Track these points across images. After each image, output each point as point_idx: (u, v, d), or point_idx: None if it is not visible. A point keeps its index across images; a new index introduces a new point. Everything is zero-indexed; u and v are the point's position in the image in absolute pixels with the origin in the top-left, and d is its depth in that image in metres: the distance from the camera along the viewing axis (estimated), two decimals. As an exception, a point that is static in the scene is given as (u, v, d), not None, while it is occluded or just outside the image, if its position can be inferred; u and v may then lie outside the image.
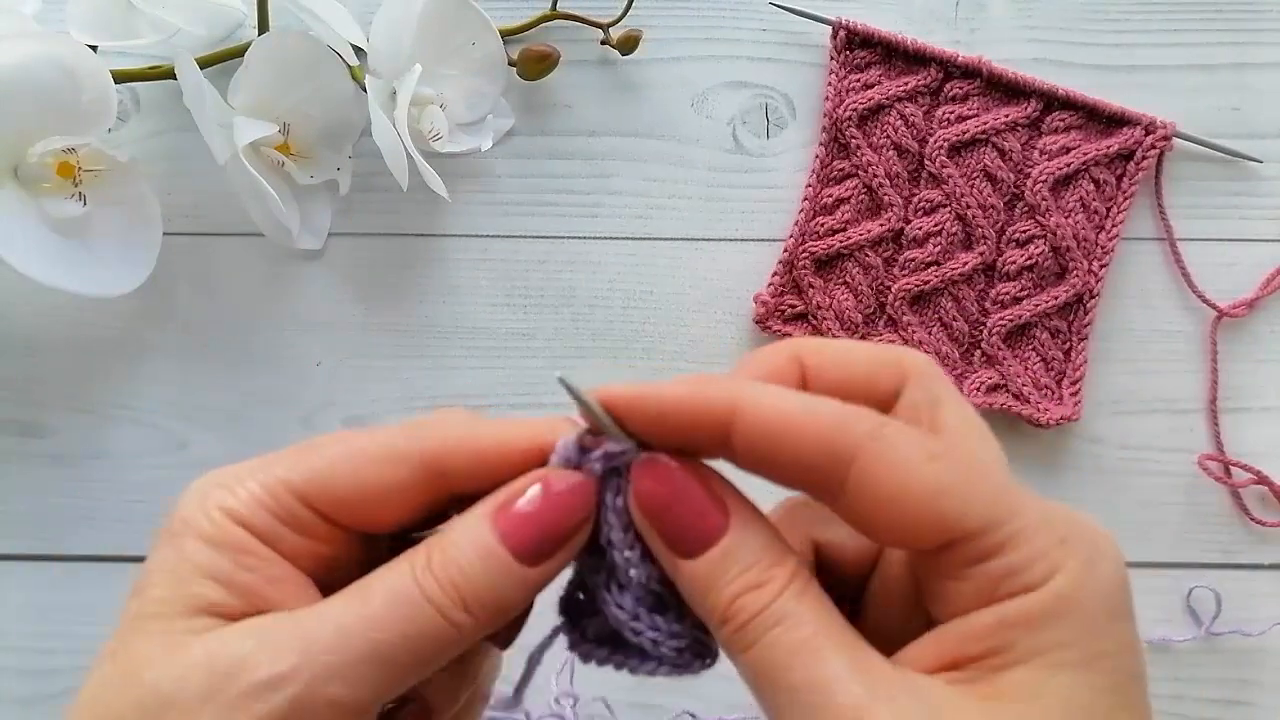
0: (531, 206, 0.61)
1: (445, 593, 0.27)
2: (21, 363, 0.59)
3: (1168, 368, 0.60)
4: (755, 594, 0.26)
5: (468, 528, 0.28)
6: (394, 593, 0.27)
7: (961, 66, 0.60)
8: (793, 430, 0.26)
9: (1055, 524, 0.26)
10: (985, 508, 0.25)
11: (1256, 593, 0.58)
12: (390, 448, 0.29)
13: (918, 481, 0.25)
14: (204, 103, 0.52)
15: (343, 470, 0.29)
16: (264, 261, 0.60)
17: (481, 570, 0.27)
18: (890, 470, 0.26)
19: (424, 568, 0.27)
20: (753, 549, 0.27)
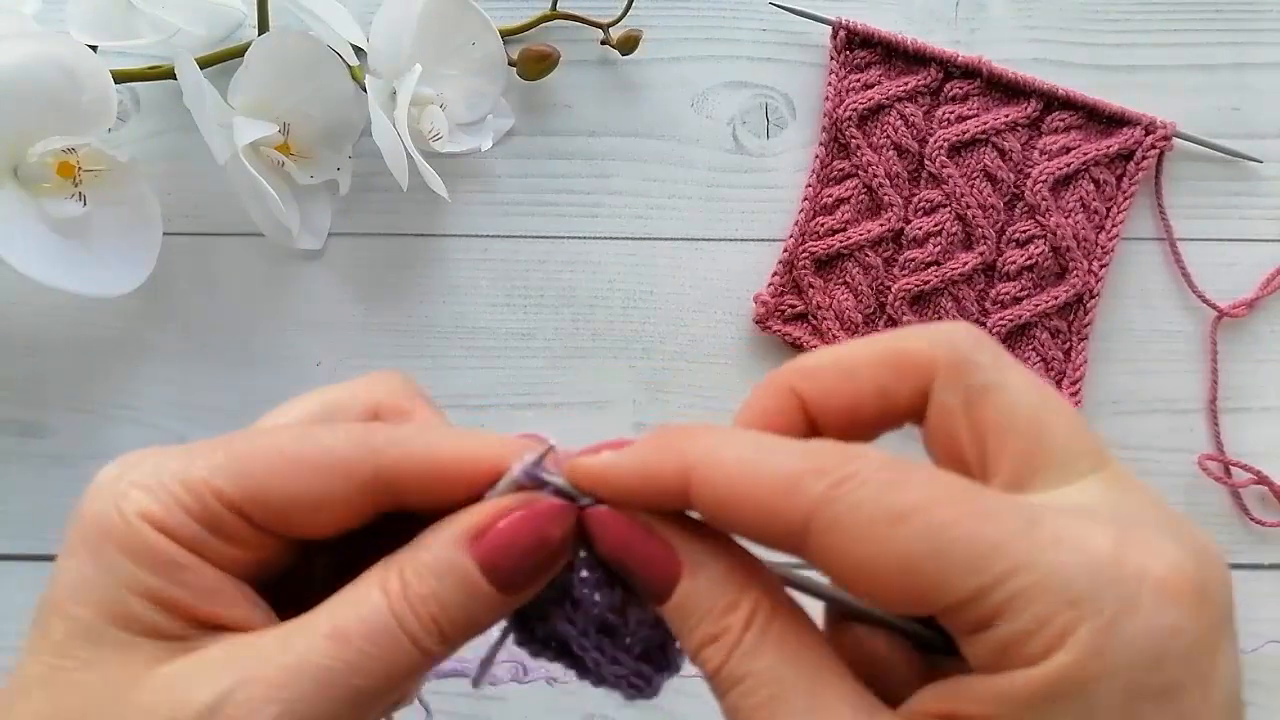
0: (531, 206, 0.61)
1: (425, 627, 0.25)
2: (21, 363, 0.59)
3: (1168, 368, 0.60)
4: (711, 649, 0.25)
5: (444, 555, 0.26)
6: (373, 631, 0.25)
7: (961, 66, 0.60)
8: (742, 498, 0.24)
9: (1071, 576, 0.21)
10: (968, 574, 0.21)
11: (1256, 593, 0.58)
12: (336, 460, 0.26)
13: (879, 554, 0.22)
14: (204, 103, 0.52)
15: (279, 480, 0.26)
16: (264, 261, 0.60)
17: (461, 601, 0.26)
18: (845, 542, 0.22)
19: (400, 599, 0.25)
20: (703, 596, 0.25)
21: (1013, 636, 0.21)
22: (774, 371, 0.28)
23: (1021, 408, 0.24)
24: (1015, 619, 0.21)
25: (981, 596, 0.21)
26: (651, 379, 0.60)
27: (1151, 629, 0.20)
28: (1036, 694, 0.21)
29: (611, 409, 0.60)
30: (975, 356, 0.25)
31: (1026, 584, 0.21)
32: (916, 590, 0.22)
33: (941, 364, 0.25)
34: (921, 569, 0.21)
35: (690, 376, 0.60)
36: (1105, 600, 0.20)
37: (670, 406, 0.60)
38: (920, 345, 0.25)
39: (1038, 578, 0.21)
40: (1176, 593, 0.21)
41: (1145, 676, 0.20)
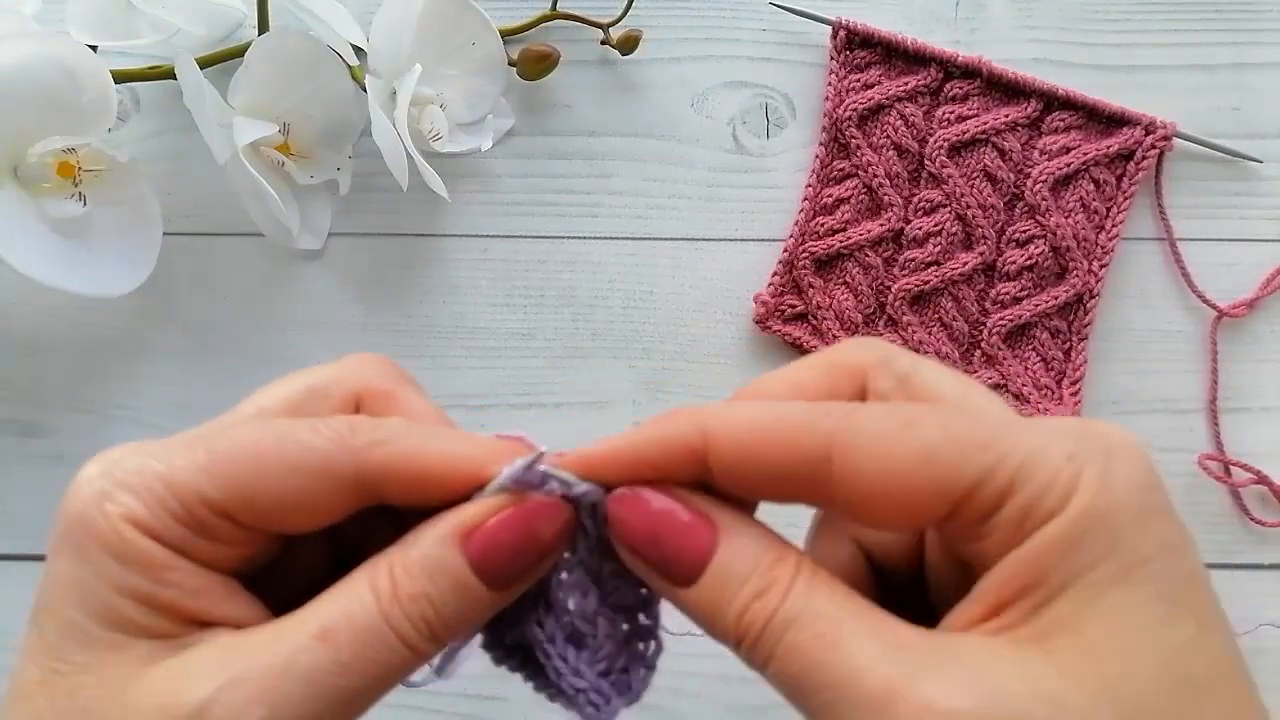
0: (531, 206, 0.61)
1: (415, 626, 0.25)
2: (21, 363, 0.59)
3: (1168, 368, 0.60)
4: (760, 603, 0.25)
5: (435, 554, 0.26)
6: (363, 631, 0.25)
7: (961, 66, 0.60)
8: (765, 441, 0.25)
9: (1061, 440, 0.24)
10: (979, 454, 0.24)
11: (1257, 593, 0.58)
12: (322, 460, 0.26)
13: (900, 454, 0.24)
14: (204, 103, 0.52)
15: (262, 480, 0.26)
16: (264, 261, 0.60)
17: (451, 599, 0.26)
18: (869, 453, 0.24)
19: (390, 598, 0.25)
20: (748, 556, 0.25)
21: (1029, 501, 0.23)
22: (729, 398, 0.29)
23: (944, 381, 0.27)
24: (1027, 484, 0.23)
25: (993, 472, 0.24)
26: (651, 379, 0.60)
27: (1136, 466, 0.24)
28: (1067, 538, 0.23)
29: (611, 409, 0.60)
30: (893, 352, 0.28)
31: (1027, 453, 0.24)
32: (937, 478, 0.24)
33: (870, 363, 0.28)
34: (940, 456, 0.24)
35: (690, 376, 0.60)
36: (1093, 452, 0.24)
37: (670, 406, 0.59)
38: (850, 353, 0.29)
39: (1034, 446, 0.24)
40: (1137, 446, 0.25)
41: (1146, 499, 0.24)
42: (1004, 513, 0.24)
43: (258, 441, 0.26)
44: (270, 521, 0.26)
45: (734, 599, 0.25)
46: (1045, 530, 0.23)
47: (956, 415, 0.25)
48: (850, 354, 0.28)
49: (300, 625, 0.25)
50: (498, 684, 0.56)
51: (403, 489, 0.27)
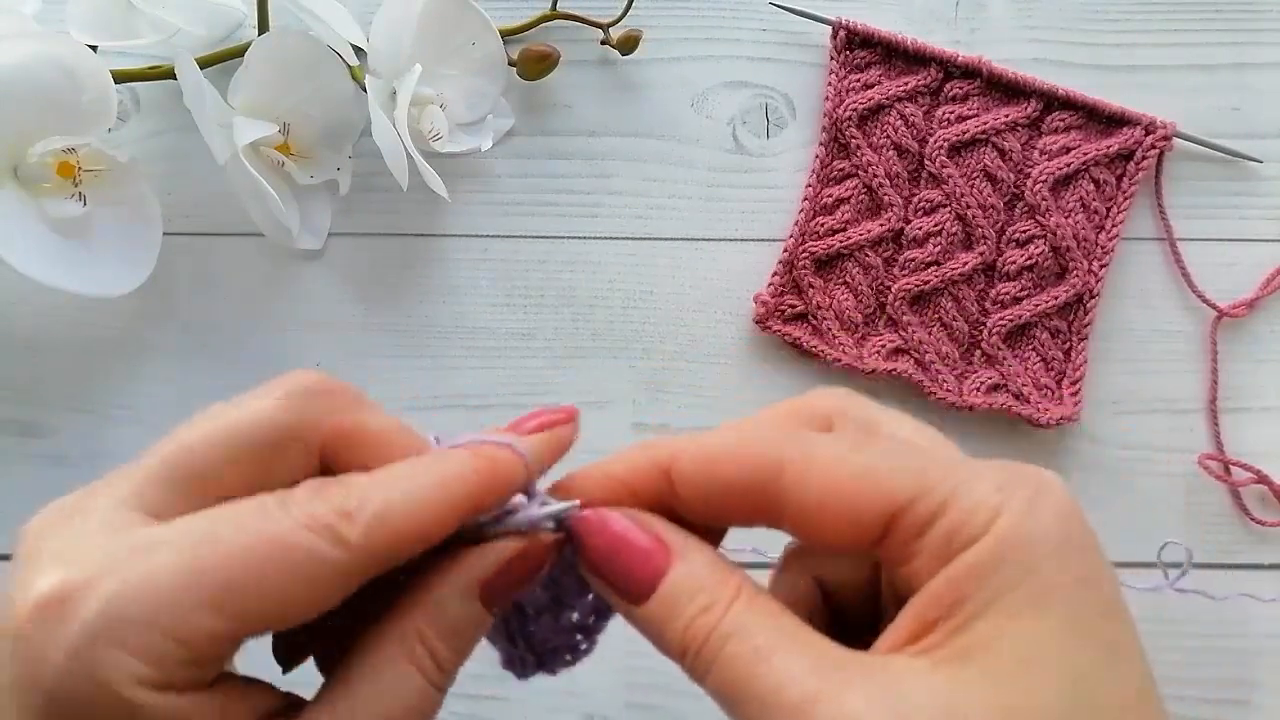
0: (531, 206, 0.61)
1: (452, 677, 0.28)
2: (21, 363, 0.59)
3: (1168, 368, 0.60)
4: (705, 617, 0.26)
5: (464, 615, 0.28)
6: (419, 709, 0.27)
7: (961, 66, 0.60)
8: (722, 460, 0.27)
9: (992, 474, 0.26)
10: (914, 476, 0.26)
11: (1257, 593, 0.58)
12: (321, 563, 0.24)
13: (843, 471, 0.26)
14: (204, 103, 0.52)
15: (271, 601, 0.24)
16: (264, 261, 0.60)
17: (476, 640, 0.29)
18: (816, 471, 0.26)
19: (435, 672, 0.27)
20: (697, 575, 0.27)
21: (956, 522, 0.25)
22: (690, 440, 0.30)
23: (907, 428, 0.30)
24: (955, 507, 0.25)
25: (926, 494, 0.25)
26: (651, 379, 0.60)
27: (1060, 502, 0.25)
28: (988, 559, 0.24)
29: (611, 409, 0.60)
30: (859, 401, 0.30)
31: (960, 480, 0.25)
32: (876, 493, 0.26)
33: (835, 410, 0.30)
34: (877, 476, 0.26)
35: (690, 376, 0.60)
36: (1021, 484, 0.25)
37: (670, 406, 0.60)
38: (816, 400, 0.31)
39: (967, 476, 0.26)
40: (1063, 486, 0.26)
41: (1067, 533, 0.25)
42: (932, 533, 0.25)
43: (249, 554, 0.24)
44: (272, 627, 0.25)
45: (681, 614, 0.27)
46: (968, 554, 0.25)
47: (903, 447, 0.28)
48: (816, 401, 0.31)
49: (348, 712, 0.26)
50: (498, 684, 0.56)
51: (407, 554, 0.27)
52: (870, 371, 0.59)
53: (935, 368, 0.59)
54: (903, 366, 0.59)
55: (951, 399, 0.58)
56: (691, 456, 0.28)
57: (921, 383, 0.59)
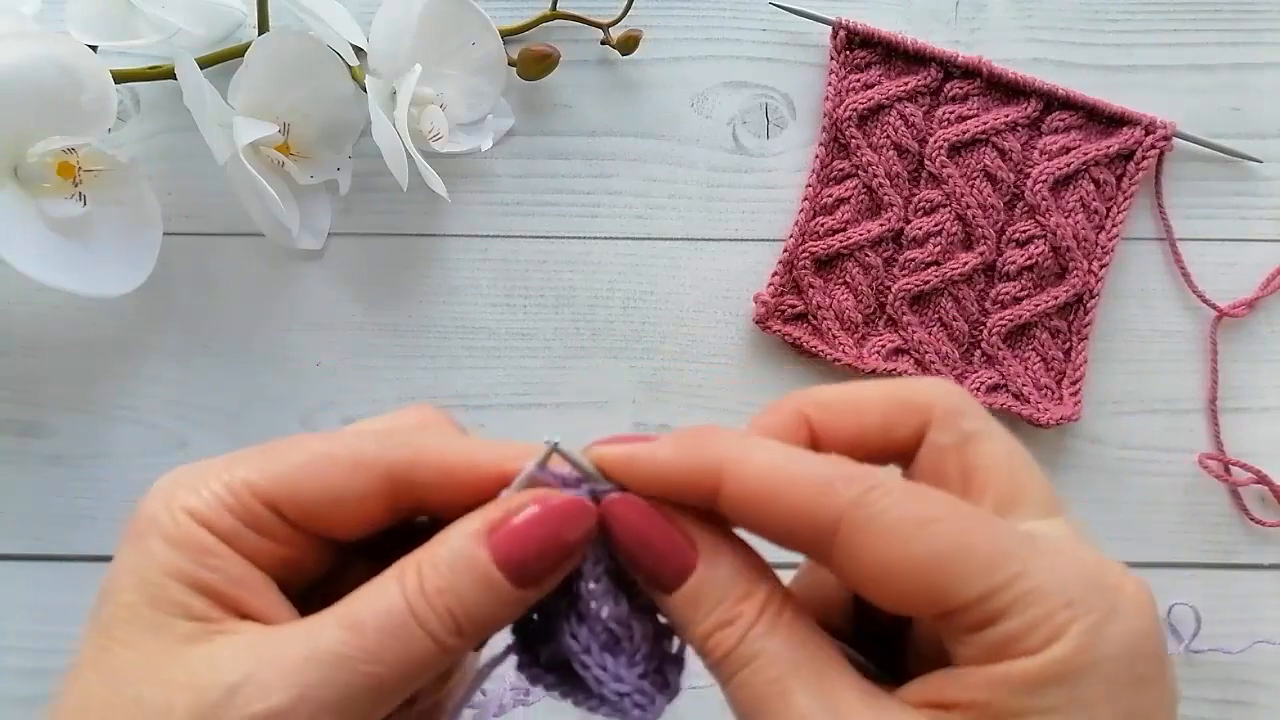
0: (531, 206, 0.61)
1: (441, 620, 0.26)
2: (21, 363, 0.59)
3: (1168, 368, 0.60)
4: (724, 632, 0.26)
5: (460, 549, 0.27)
6: (389, 621, 0.26)
7: (961, 66, 0.60)
8: (775, 497, 0.26)
9: (1067, 583, 0.24)
10: (983, 575, 0.24)
11: (1257, 593, 0.58)
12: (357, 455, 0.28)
13: (905, 553, 0.24)
14: (204, 103, 0.52)
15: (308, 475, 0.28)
16: (264, 261, 0.60)
17: (477, 594, 0.26)
18: (875, 541, 0.25)
19: (417, 592, 0.26)
20: (720, 584, 0.26)
21: (1014, 632, 0.24)
22: (789, 395, 0.30)
23: (1003, 454, 0.27)
24: (1018, 616, 0.24)
25: (992, 595, 0.24)
26: (651, 379, 0.60)
27: (1130, 630, 0.24)
28: (1032, 680, 0.23)
29: (611, 409, 0.60)
30: (966, 407, 0.28)
31: (1031, 586, 0.24)
32: (935, 587, 0.24)
33: (939, 409, 0.28)
34: (944, 567, 0.24)
35: (690, 376, 0.60)
36: (1094, 604, 0.24)
37: (670, 406, 0.60)
38: (922, 392, 0.29)
39: (1040, 581, 0.24)
40: (1145, 605, 0.25)
41: (1125, 668, 0.23)
42: (986, 634, 0.24)
43: (307, 441, 0.29)
44: (311, 515, 0.28)
45: (702, 620, 0.26)
46: (1016, 664, 0.24)
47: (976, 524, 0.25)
48: (922, 393, 0.28)
49: (329, 616, 0.27)
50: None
51: (431, 483, 0.28)
52: (870, 371, 0.59)
53: (935, 368, 0.59)
54: (903, 366, 0.59)
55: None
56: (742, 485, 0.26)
57: (921, 383, 0.59)
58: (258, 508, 0.28)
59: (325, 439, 0.29)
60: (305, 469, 0.28)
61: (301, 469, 0.28)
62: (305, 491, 0.28)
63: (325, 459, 0.28)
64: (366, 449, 0.28)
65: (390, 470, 0.28)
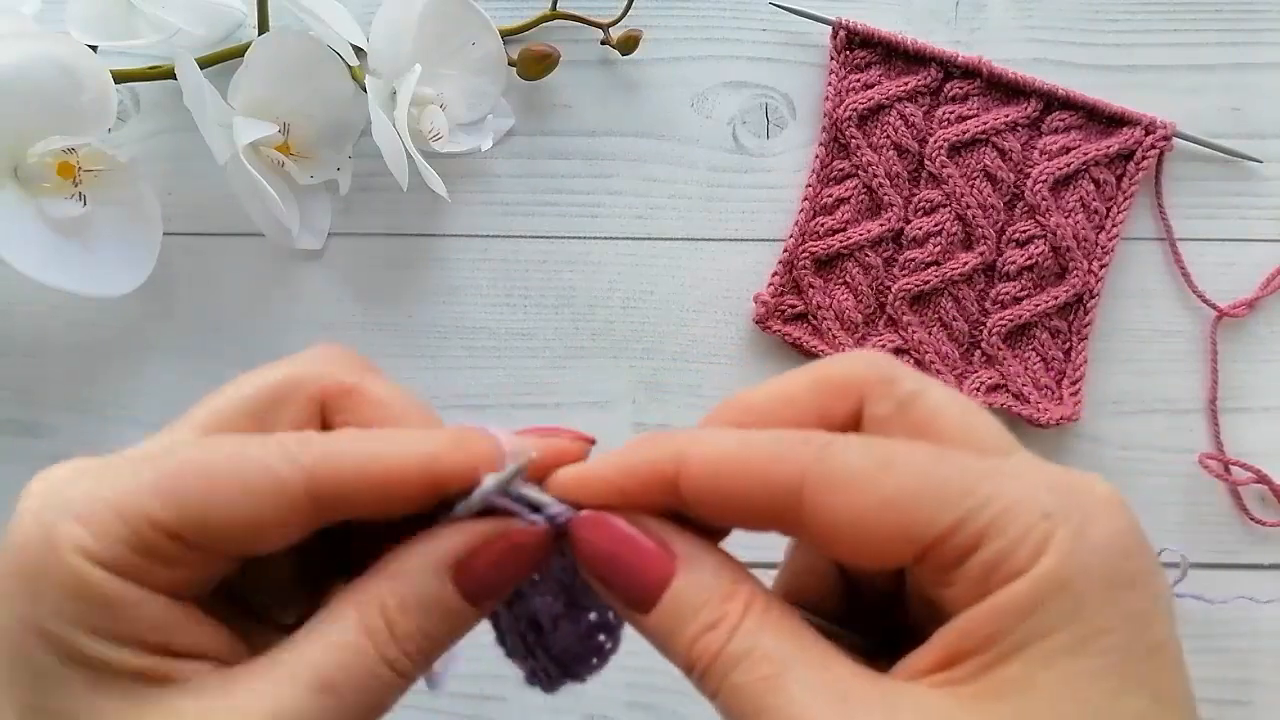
0: (531, 206, 0.61)
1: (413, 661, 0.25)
2: (21, 363, 0.59)
3: (1168, 368, 0.60)
4: (710, 636, 0.25)
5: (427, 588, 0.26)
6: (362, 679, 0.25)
7: (961, 66, 0.60)
8: (735, 473, 0.25)
9: (1040, 497, 0.23)
10: (952, 503, 0.23)
11: (1257, 593, 0.58)
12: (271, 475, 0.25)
13: (872, 497, 0.24)
14: (204, 103, 0.52)
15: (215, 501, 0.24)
16: (264, 261, 0.60)
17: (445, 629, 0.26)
18: (841, 493, 0.24)
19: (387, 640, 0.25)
20: (702, 587, 0.25)
21: (998, 554, 0.23)
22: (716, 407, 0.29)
23: (947, 403, 0.26)
24: (998, 537, 0.23)
25: (967, 520, 0.23)
26: (651, 379, 0.60)
27: (1113, 530, 0.23)
28: (1028, 599, 0.23)
29: (611, 409, 0.60)
30: (897, 372, 0.27)
31: (1004, 505, 0.23)
32: (909, 525, 0.23)
33: (870, 381, 0.27)
34: (912, 503, 0.23)
35: (690, 376, 0.60)
36: (1071, 511, 0.23)
37: (670, 406, 0.60)
38: (848, 368, 0.27)
39: (1011, 500, 0.23)
40: (1119, 505, 0.24)
41: (1117, 567, 0.23)
42: (970, 564, 0.23)
43: (206, 460, 0.25)
44: (224, 544, 0.25)
45: (686, 629, 0.25)
46: (1008, 589, 0.23)
47: (938, 458, 0.24)
48: (849, 369, 0.27)
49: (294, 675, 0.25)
50: (498, 684, 0.56)
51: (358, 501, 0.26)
52: (870, 371, 0.59)
53: (935, 368, 0.59)
54: (903, 366, 0.59)
55: (951, 399, 0.58)
56: (700, 467, 0.25)
57: (921, 383, 0.59)
58: (160, 540, 0.24)
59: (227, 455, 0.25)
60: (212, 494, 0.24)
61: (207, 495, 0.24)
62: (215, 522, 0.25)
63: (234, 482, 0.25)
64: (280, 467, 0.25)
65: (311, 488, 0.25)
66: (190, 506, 0.24)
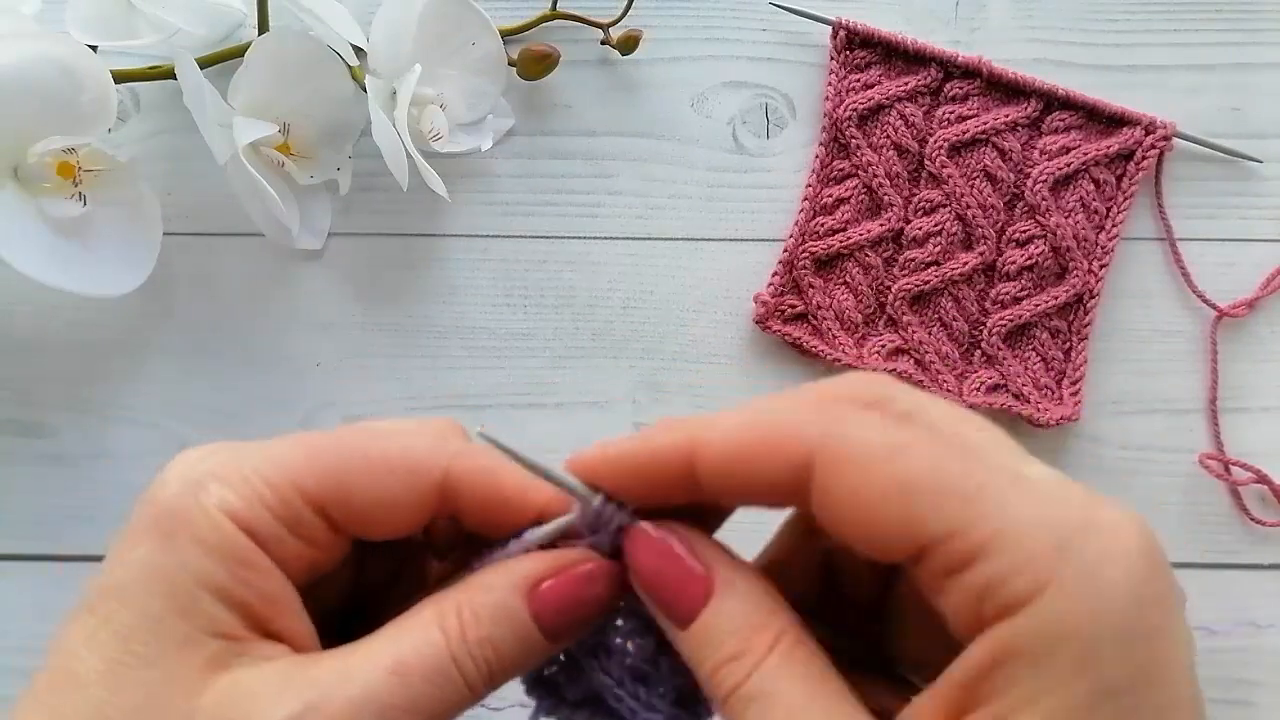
0: (531, 206, 0.61)
1: (479, 669, 0.26)
2: (21, 363, 0.59)
3: (1168, 368, 0.60)
4: (733, 666, 0.25)
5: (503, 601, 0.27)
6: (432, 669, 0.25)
7: (961, 66, 0.60)
8: (749, 447, 0.25)
9: (1054, 527, 0.21)
10: (959, 505, 0.22)
11: (1257, 593, 0.58)
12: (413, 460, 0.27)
13: (878, 481, 0.23)
14: (204, 103, 0.52)
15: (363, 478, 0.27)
16: (264, 261, 0.60)
17: (513, 646, 0.27)
18: (847, 471, 0.23)
19: (459, 640, 0.26)
20: (734, 616, 0.26)
21: (997, 574, 0.21)
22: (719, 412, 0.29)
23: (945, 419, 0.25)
24: (999, 555, 0.21)
25: (968, 529, 0.22)
26: (651, 379, 0.60)
27: (1132, 572, 0.21)
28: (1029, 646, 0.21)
29: (611, 409, 0.60)
30: (895, 390, 0.26)
31: (1009, 522, 0.22)
32: (908, 519, 0.23)
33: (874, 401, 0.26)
34: (916, 496, 0.22)
35: (690, 376, 0.60)
36: (1086, 546, 0.21)
37: (670, 406, 0.60)
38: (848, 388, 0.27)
39: (1019, 517, 0.22)
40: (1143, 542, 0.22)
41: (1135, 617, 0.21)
42: (967, 577, 0.22)
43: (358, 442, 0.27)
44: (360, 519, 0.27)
45: (713, 655, 0.26)
46: (1014, 625, 0.21)
47: (953, 455, 0.23)
48: (848, 389, 0.26)
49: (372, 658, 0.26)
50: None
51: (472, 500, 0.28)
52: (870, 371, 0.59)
53: (935, 368, 0.59)
54: (903, 366, 0.59)
55: (951, 399, 0.58)
56: (715, 442, 0.25)
57: (921, 383, 0.59)
58: (303, 510, 0.26)
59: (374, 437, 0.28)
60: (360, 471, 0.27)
61: (356, 471, 0.27)
62: (358, 496, 0.27)
63: (381, 462, 0.27)
64: (421, 454, 0.27)
65: (444, 478, 0.28)
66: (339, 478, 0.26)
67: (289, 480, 0.26)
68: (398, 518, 0.27)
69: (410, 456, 0.27)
